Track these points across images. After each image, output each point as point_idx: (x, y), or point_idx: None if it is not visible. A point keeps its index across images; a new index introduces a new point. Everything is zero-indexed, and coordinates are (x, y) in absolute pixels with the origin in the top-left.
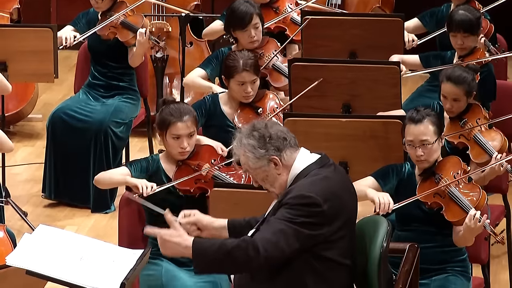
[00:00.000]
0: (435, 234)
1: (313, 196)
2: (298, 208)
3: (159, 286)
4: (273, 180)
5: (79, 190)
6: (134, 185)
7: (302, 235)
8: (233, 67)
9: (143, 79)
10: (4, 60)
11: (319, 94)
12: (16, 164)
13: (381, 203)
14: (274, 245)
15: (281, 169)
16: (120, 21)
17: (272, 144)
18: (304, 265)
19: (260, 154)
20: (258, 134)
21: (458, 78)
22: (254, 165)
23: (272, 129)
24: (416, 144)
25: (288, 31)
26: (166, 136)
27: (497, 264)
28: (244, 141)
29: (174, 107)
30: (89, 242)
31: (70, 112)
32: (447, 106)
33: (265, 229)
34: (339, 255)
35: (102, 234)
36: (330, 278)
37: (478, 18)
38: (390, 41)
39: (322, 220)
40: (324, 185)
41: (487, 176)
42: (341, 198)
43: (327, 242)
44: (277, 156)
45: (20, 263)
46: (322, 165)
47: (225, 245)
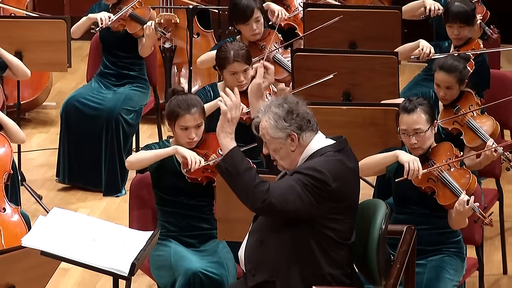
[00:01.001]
0: (431, 217)
1: (325, 172)
2: (310, 177)
3: (168, 266)
4: (285, 154)
5: (92, 175)
6: (184, 157)
7: (308, 200)
8: (224, 58)
9: (152, 68)
10: (20, 50)
11: (320, 83)
12: (31, 149)
13: (412, 169)
14: (281, 196)
15: (295, 147)
16: (129, 14)
17: (296, 121)
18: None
19: (282, 126)
20: (288, 107)
21: (450, 67)
22: (273, 134)
23: (301, 108)
24: (409, 133)
25: (298, 30)
26: (174, 127)
27: (490, 245)
28: (274, 108)
29: (182, 99)
30: (101, 224)
31: (82, 100)
32: (440, 94)
33: (280, 182)
34: (340, 236)
35: (113, 217)
36: (334, 253)
37: (473, 10)
38: (388, 32)
39: (328, 195)
40: (337, 166)
41: (483, 162)
42: (349, 184)
43: (329, 220)
44: (297, 134)
45: (35, 244)
46: (339, 149)
47: (253, 175)
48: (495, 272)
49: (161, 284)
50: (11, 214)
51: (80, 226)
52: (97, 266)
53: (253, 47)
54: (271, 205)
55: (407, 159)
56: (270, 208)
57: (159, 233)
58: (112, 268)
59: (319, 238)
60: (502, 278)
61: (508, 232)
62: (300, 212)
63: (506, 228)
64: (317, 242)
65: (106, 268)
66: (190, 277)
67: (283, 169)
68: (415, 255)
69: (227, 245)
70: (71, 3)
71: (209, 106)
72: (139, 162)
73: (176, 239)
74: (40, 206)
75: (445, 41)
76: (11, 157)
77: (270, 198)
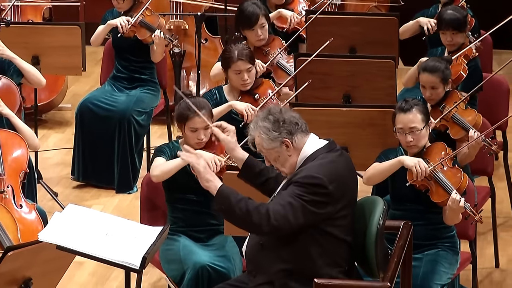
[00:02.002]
0: (426, 213)
1: (321, 177)
2: (306, 186)
3: (177, 259)
4: (284, 160)
5: (105, 173)
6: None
7: (308, 211)
8: (229, 58)
9: (162, 72)
10: (37, 54)
11: (322, 85)
12: (48, 149)
13: (419, 172)
14: (282, 217)
15: (291, 151)
16: (139, 21)
17: (285, 128)
18: (309, 239)
19: (273, 136)
20: (273, 118)
21: (432, 67)
22: (268, 146)
23: (286, 115)
24: (405, 131)
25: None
26: (184, 129)
27: (483, 240)
28: (260, 123)
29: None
30: (114, 220)
31: (96, 102)
32: (427, 95)
33: (277, 201)
34: (341, 231)
35: (126, 213)
36: (332, 252)
37: (465, 17)
38: (386, 37)
39: (327, 199)
40: (331, 168)
41: (471, 151)
42: (346, 180)
43: (331, 219)
44: (289, 139)
45: (51, 239)
46: (330, 150)
47: (246, 203)
48: (487, 265)
49: (171, 277)
50: (27, 210)
51: (93, 221)
52: (110, 260)
53: (258, 52)
54: (274, 228)
55: (412, 164)
56: (275, 230)
57: (168, 228)
58: (124, 261)
59: (321, 238)
60: (494, 271)
61: (500, 228)
62: (306, 224)
63: (498, 224)
64: (316, 245)
65: (118, 262)
66: (198, 270)
67: (286, 175)
68: (411, 249)
69: (233, 240)
70: (86, 10)
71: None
72: (166, 174)
73: (185, 234)
74: (56, 203)
75: (438, 47)
76: (27, 156)
77: (271, 221)
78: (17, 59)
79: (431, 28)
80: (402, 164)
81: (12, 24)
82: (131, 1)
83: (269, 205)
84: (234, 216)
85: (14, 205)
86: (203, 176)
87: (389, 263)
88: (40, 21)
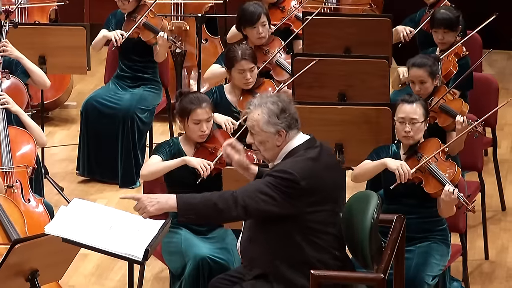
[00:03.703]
0: (419, 207)
1: (293, 173)
2: (279, 178)
3: (178, 252)
4: (270, 147)
5: (109, 168)
6: (194, 166)
7: (279, 198)
8: (233, 57)
9: (164, 71)
10: (44, 54)
11: (318, 84)
12: (54, 145)
13: (402, 174)
14: (251, 198)
15: (281, 142)
16: (143, 23)
17: (287, 120)
18: (294, 230)
19: (274, 122)
20: (282, 105)
21: (420, 63)
22: (263, 127)
23: (292, 108)
24: (406, 121)
25: (293, 27)
26: (188, 122)
27: (473, 233)
28: (269, 104)
29: (193, 96)
30: (117, 213)
31: (101, 100)
32: (416, 89)
33: (247, 186)
34: (321, 224)
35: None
36: (319, 240)
37: (457, 17)
38: (380, 38)
39: (299, 192)
40: (306, 165)
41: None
42: (321, 177)
43: (308, 213)
44: (285, 131)
45: (57, 232)
46: (309, 147)
47: (209, 197)
48: (477, 257)
49: (172, 269)
50: (35, 204)
51: (98, 215)
52: (113, 252)
53: (258, 51)
54: (244, 209)
55: (395, 166)
56: (244, 212)
57: (170, 222)
58: (127, 253)
59: (304, 230)
60: (484, 263)
61: (490, 221)
62: (275, 210)
63: (488, 217)
64: (301, 234)
65: (122, 254)
66: (199, 262)
67: (264, 159)
68: (404, 242)
69: (233, 233)
70: (90, 11)
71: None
72: (152, 175)
73: (186, 227)
74: (61, 197)
75: (429, 48)
76: (36, 152)
77: (239, 202)
78: (24, 60)
79: (406, 35)
80: (385, 166)
81: (20, 25)
82: (135, 2)
83: (236, 191)
84: (205, 215)
85: (22, 199)
86: (149, 210)
87: (383, 255)
88: (47, 22)
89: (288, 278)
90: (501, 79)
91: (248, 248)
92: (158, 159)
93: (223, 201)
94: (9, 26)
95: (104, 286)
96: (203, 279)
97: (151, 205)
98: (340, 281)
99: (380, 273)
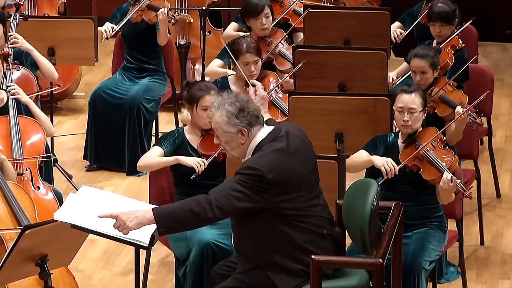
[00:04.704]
0: (416, 195)
1: (259, 168)
2: (246, 175)
3: (183, 237)
4: (235, 146)
5: (116, 156)
6: (189, 165)
7: (251, 194)
8: (238, 50)
9: (169, 62)
10: (53, 46)
11: (319, 75)
12: (63, 134)
13: (388, 170)
14: (224, 197)
15: (245, 140)
16: (146, 4)
17: (247, 118)
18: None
19: (234, 123)
20: (239, 105)
21: (422, 54)
22: (225, 129)
23: (251, 106)
24: (405, 110)
25: (292, 21)
26: (196, 109)
27: (469, 219)
28: (227, 106)
29: (201, 84)
30: (124, 200)
31: (108, 90)
32: (416, 79)
33: (219, 186)
34: (299, 210)
35: (136, 194)
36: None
37: (454, 10)
38: (378, 30)
39: (268, 185)
40: (270, 158)
41: (459, 126)
42: (290, 166)
43: (283, 202)
44: (246, 129)
45: (66, 218)
46: (273, 139)
47: (185, 203)
48: (473, 243)
49: (178, 254)
50: (45, 192)
51: (105, 202)
52: (120, 238)
53: (262, 43)
54: (219, 209)
55: (381, 163)
56: (220, 211)
57: None
58: (134, 239)
59: (284, 218)
60: (480, 248)
61: (485, 208)
62: (250, 206)
63: (483, 204)
64: (283, 222)
65: (128, 240)
66: (203, 247)
67: (234, 157)
68: (402, 228)
69: None
70: (98, 4)
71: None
72: (147, 168)
73: None
74: (70, 184)
75: (426, 41)
76: (45, 141)
77: (213, 204)
78: (34, 52)
79: (397, 37)
80: (372, 163)
81: (30, 18)
82: None
83: (210, 194)
84: (184, 222)
85: (32, 186)
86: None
87: (381, 241)
88: (56, 15)
89: (281, 266)
90: (496, 70)
91: (238, 245)
92: (158, 150)
93: (198, 205)
94: (19, 18)
95: (111, 271)
96: (207, 264)
97: (129, 220)
98: (339, 265)
99: (378, 258)
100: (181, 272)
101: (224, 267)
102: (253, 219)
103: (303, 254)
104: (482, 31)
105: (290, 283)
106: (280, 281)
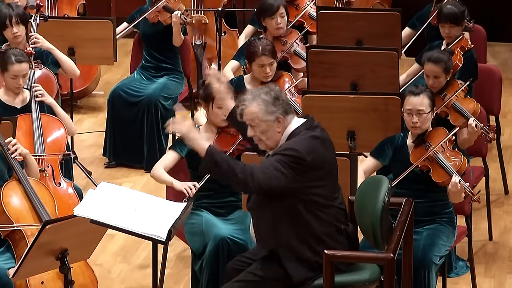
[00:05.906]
0: (426, 192)
1: (298, 149)
2: (288, 156)
3: (199, 232)
4: (272, 134)
5: (134, 153)
6: (179, 189)
7: (290, 175)
8: (253, 52)
9: (186, 62)
10: (73, 46)
11: (331, 75)
12: (82, 132)
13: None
14: (265, 175)
15: (281, 128)
16: (163, 6)
17: (282, 106)
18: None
19: (271, 110)
20: (274, 94)
21: (437, 58)
22: (263, 118)
23: (284, 95)
24: (413, 112)
25: (306, 25)
26: (212, 107)
27: (477, 215)
28: (263, 96)
29: None
30: (142, 196)
31: (126, 89)
32: (429, 83)
33: (261, 164)
34: (323, 198)
35: (153, 190)
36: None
37: (463, 12)
38: (389, 31)
39: (305, 168)
40: (309, 142)
41: (471, 138)
42: (323, 153)
43: (312, 187)
44: (283, 117)
45: (86, 214)
46: (309, 127)
47: (234, 163)
48: (481, 238)
49: (194, 248)
50: (65, 188)
51: (124, 198)
52: (138, 233)
53: (277, 42)
54: (258, 185)
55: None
56: (258, 187)
57: (192, 204)
58: (152, 234)
59: (306, 204)
60: (488, 243)
61: (493, 204)
62: (286, 186)
63: (491, 200)
64: (305, 208)
65: (146, 234)
66: (219, 242)
67: (267, 149)
68: (412, 223)
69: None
70: (117, 5)
71: None
72: (157, 180)
73: (207, 209)
74: (89, 181)
75: (436, 41)
76: (66, 139)
77: (255, 178)
78: (55, 50)
79: None
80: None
81: (50, 19)
82: None
83: (254, 167)
84: (223, 175)
85: (53, 182)
86: (187, 136)
87: (392, 236)
88: (75, 16)
89: (296, 251)
90: (504, 69)
91: (257, 227)
92: (173, 155)
93: (242, 172)
94: (40, 19)
95: (129, 265)
96: (222, 258)
97: (187, 129)
98: (352, 260)
99: (390, 253)
100: (197, 267)
101: (239, 262)
102: (276, 201)
103: (319, 245)
104: (490, 31)
105: (304, 274)
106: (293, 269)
